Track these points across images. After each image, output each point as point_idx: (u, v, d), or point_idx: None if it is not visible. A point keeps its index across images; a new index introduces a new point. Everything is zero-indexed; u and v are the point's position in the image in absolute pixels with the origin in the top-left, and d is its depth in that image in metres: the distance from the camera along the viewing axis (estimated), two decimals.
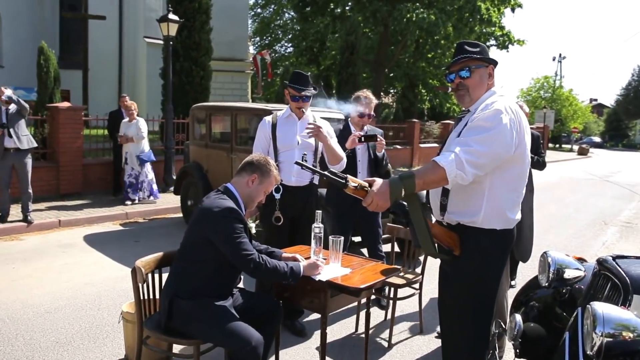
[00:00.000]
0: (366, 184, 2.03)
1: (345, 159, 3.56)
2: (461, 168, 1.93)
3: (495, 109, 2.00)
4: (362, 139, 3.68)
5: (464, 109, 2.26)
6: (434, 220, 2.30)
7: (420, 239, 2.04)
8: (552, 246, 6.49)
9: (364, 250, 5.69)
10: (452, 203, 2.15)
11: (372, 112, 3.95)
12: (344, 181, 2.03)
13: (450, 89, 2.32)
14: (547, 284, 2.50)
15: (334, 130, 3.70)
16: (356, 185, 2.02)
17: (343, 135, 3.83)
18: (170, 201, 8.31)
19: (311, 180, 3.59)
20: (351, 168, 3.87)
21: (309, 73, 3.64)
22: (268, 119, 3.63)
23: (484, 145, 1.95)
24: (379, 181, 2.00)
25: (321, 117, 3.74)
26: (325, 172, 2.09)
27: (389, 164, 4.07)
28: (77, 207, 7.55)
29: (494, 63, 2.19)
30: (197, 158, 6.95)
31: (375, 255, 3.93)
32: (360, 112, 3.89)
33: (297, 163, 2.30)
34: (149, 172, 7.99)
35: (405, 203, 2.05)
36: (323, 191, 4.55)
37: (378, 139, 3.69)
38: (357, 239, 4.94)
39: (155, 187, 8.14)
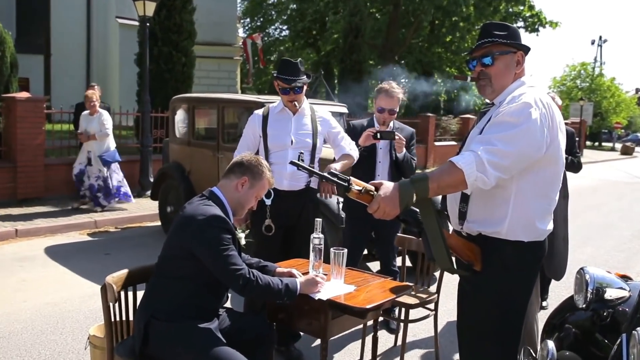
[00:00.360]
0: (372, 188, 2.04)
1: (355, 157, 3.58)
2: (482, 170, 1.94)
3: (523, 102, 2.01)
4: (378, 135, 3.68)
5: (487, 101, 2.27)
6: (451, 230, 2.30)
7: (434, 252, 2.05)
8: (591, 261, 6.50)
9: (371, 265, 5.72)
10: (473, 210, 2.16)
11: (396, 108, 3.91)
12: (346, 184, 2.04)
13: (469, 78, 2.33)
14: (584, 306, 2.49)
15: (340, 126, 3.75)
16: (360, 188, 2.03)
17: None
18: (146, 207, 8.30)
19: (307, 184, 3.60)
20: (369, 171, 3.89)
21: (300, 60, 3.62)
22: (259, 112, 3.65)
23: (510, 144, 1.96)
24: (387, 184, 2.01)
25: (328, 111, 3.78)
26: (325, 174, 2.10)
27: (414, 167, 3.98)
28: (37, 215, 7.55)
29: (525, 49, 2.20)
30: (178, 158, 6.96)
31: (387, 271, 3.94)
32: (379, 107, 3.90)
33: (292, 163, 2.30)
34: (117, 174, 7.95)
35: (417, 210, 2.06)
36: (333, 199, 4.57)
37: (396, 137, 3.70)
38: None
39: (127, 189, 8.11)
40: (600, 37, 42.92)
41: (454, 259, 2.12)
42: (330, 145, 3.77)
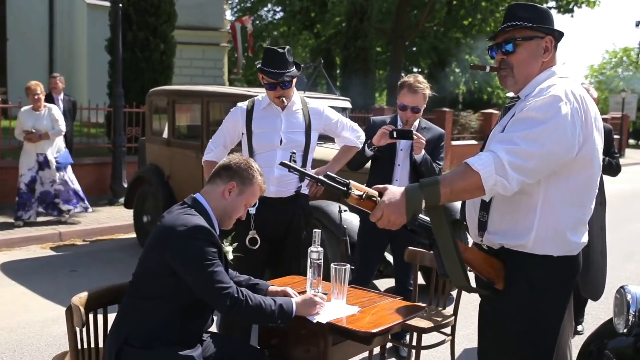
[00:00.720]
0: (375, 193, 2.05)
1: (359, 142, 3.62)
2: (502, 173, 1.95)
3: (551, 95, 2.02)
4: (394, 134, 3.70)
5: (512, 95, 2.28)
6: (470, 242, 2.32)
7: (447, 267, 2.06)
8: (634, 279, 6.50)
9: (379, 283, 5.72)
10: (494, 220, 2.18)
11: (421, 105, 3.90)
12: (344, 188, 2.05)
13: (488, 68, 2.35)
14: (625, 330, 2.50)
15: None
16: (361, 194, 2.04)
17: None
18: (119, 217, 8.30)
19: (298, 190, 3.61)
20: (386, 175, 3.90)
21: (287, 48, 3.62)
22: (242, 105, 3.65)
23: (535, 144, 1.97)
24: (392, 189, 2.03)
25: (329, 105, 3.80)
26: (321, 177, 2.10)
27: (436, 174, 3.93)
28: None
29: (555, 34, 2.21)
30: (157, 160, 6.98)
31: (401, 291, 3.95)
32: (401, 104, 3.92)
33: (282, 164, 2.31)
34: (71, 178, 7.80)
35: (428, 219, 2.07)
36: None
37: (415, 137, 3.71)
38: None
39: (82, 196, 7.95)
40: None
41: (472, 275, 2.13)
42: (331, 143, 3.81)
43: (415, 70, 27.28)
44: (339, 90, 17.71)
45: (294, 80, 3.58)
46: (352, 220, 4.69)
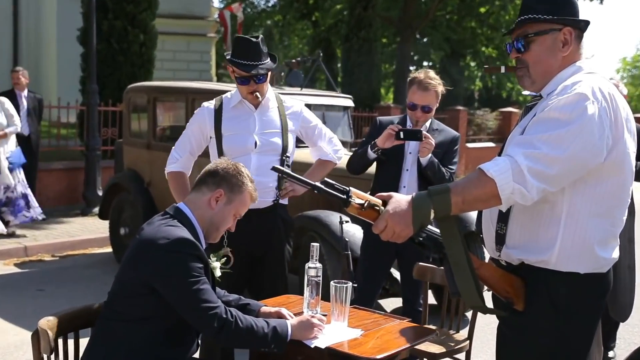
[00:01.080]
0: (378, 202, 2.06)
1: (338, 157, 3.59)
2: (521, 181, 1.96)
3: (577, 93, 2.03)
4: (401, 134, 3.71)
5: (533, 93, 2.29)
6: (487, 257, 2.32)
7: (460, 286, 2.06)
8: None
9: (384, 302, 5.72)
10: (513, 232, 2.18)
11: (432, 104, 3.90)
12: (344, 196, 2.05)
13: (503, 69, 2.37)
14: None
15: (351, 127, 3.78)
16: (363, 202, 2.05)
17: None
18: (93, 229, 8.30)
19: (276, 199, 3.61)
20: (392, 181, 3.91)
21: (260, 36, 3.58)
22: (209, 105, 3.64)
23: (558, 148, 1.98)
24: (397, 197, 2.04)
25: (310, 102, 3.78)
26: (317, 184, 2.11)
27: (447, 180, 3.90)
28: None
29: (579, 24, 2.21)
30: (135, 164, 6.99)
31: (410, 312, 3.95)
32: (410, 103, 3.93)
33: (275, 169, 2.29)
34: (21, 181, 7.70)
35: (437, 230, 2.08)
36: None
37: (423, 137, 3.72)
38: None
39: (34, 202, 7.85)
40: None
41: (489, 294, 2.13)
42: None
43: (425, 64, 27.38)
44: (340, 86, 17.76)
45: (269, 74, 3.58)
46: (354, 232, 4.70)
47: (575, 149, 1.98)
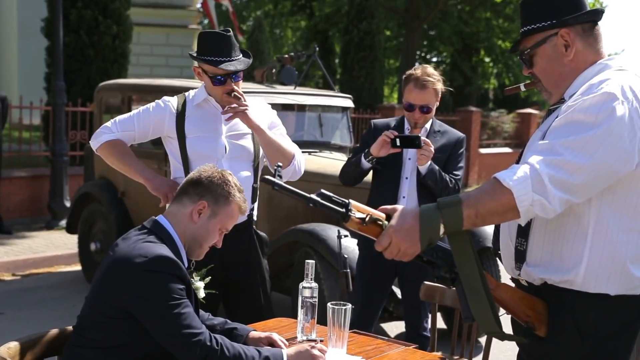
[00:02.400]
0: (382, 216, 2.07)
1: (297, 157, 3.54)
2: (541, 191, 1.96)
3: (604, 92, 2.03)
4: (397, 141, 3.71)
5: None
6: (504, 276, 2.33)
7: (473, 309, 2.06)
8: None
9: (387, 326, 5.72)
10: (534, 249, 2.19)
11: (431, 104, 3.92)
12: (343, 210, 2.05)
13: (523, 87, 2.44)
14: None
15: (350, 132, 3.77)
16: (364, 216, 2.05)
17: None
18: (59, 244, 8.28)
19: (250, 215, 3.60)
20: (390, 192, 3.92)
21: (230, 32, 3.53)
22: (171, 102, 3.59)
23: (583, 154, 1.99)
24: (402, 211, 2.05)
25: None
26: (313, 196, 2.08)
27: (451, 189, 3.93)
28: None
29: (577, 20, 2.18)
30: (108, 172, 6.96)
31: (415, 337, 3.95)
32: (407, 103, 3.93)
33: (264, 180, 2.20)
34: None
35: (448, 248, 2.08)
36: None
37: (422, 144, 3.73)
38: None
39: None
40: None
41: (508, 318, 2.13)
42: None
43: (434, 60, 27.43)
44: (339, 85, 17.77)
45: (242, 73, 3.54)
46: (354, 247, 4.70)
47: (602, 155, 1.99)
